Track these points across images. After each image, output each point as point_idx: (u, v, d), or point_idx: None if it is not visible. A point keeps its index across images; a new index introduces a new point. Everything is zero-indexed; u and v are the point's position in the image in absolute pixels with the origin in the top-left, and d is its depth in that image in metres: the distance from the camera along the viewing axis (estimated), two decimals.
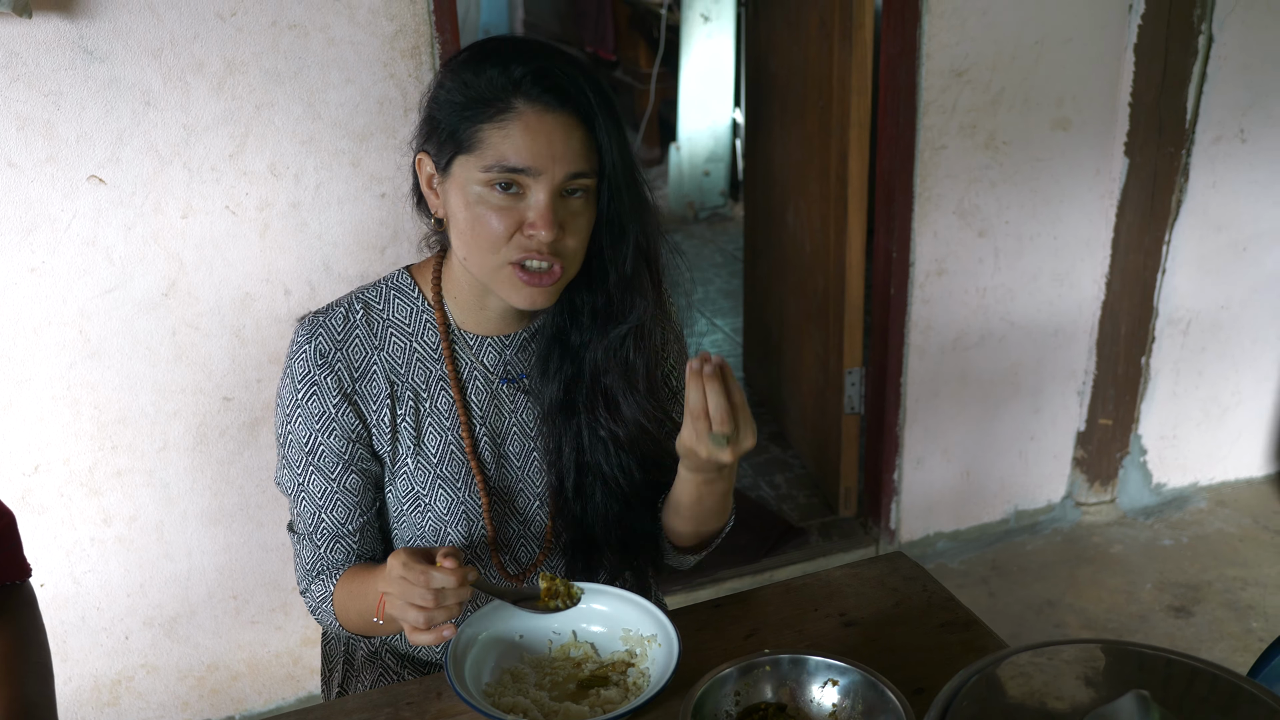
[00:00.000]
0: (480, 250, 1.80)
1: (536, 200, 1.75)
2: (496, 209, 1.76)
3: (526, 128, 1.73)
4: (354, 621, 1.96)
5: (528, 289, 1.81)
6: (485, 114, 1.74)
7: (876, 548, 4.26)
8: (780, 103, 4.58)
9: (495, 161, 1.73)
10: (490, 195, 1.76)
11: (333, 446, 1.93)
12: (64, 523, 3.14)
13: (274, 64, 2.93)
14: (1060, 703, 1.38)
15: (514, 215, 1.76)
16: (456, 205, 1.80)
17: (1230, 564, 4.20)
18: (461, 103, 1.76)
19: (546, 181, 1.74)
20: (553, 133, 1.74)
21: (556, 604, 1.85)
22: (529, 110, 1.73)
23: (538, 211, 1.75)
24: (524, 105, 1.73)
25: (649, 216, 1.89)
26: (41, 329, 2.96)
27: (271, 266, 3.10)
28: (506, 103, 1.73)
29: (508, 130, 1.73)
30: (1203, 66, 3.88)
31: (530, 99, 1.73)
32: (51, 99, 2.78)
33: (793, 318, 4.66)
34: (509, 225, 1.76)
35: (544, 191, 1.75)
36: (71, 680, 3.30)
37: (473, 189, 1.77)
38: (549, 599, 1.84)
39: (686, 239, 7.51)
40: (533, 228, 1.75)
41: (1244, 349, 4.42)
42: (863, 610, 1.98)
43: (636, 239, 1.87)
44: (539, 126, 1.73)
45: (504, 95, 1.73)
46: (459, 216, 1.80)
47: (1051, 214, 3.97)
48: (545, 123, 1.73)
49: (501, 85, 1.74)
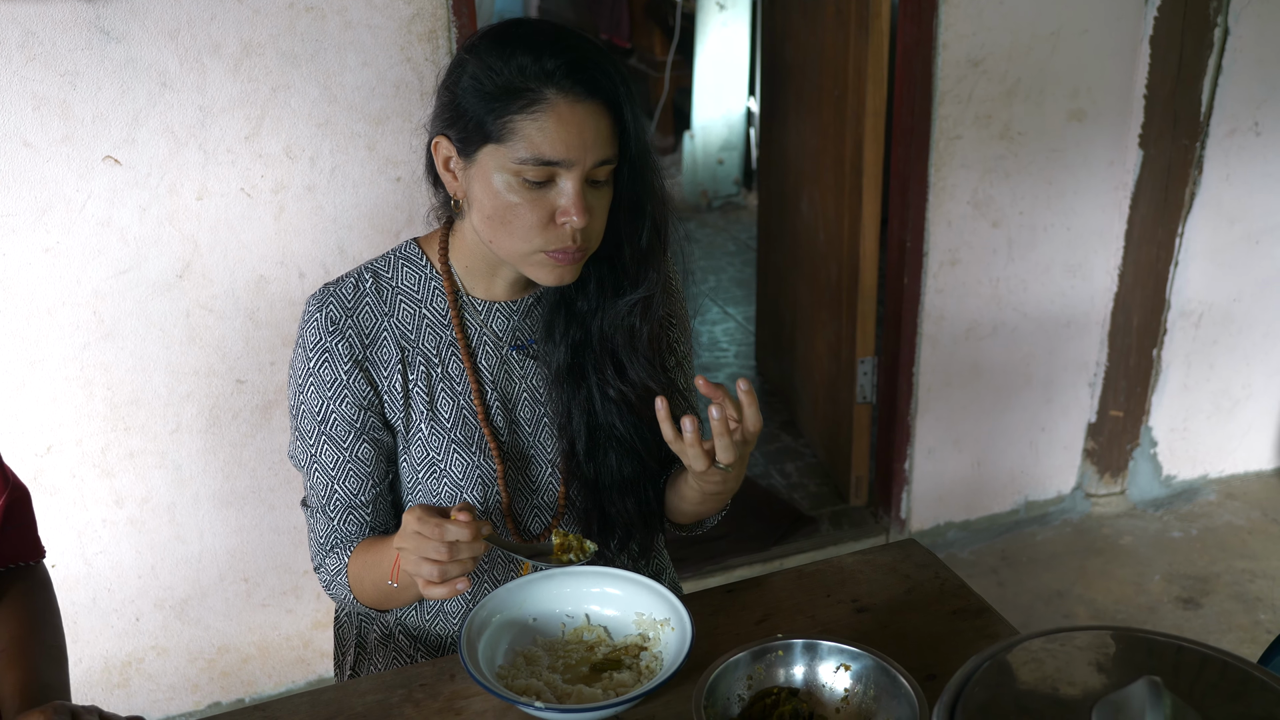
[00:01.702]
0: (512, 239, 1.81)
1: (566, 188, 1.76)
2: (528, 199, 1.77)
3: (560, 119, 1.73)
4: (368, 593, 1.96)
5: (558, 268, 1.83)
6: (516, 104, 1.73)
7: (887, 536, 4.26)
8: (795, 91, 4.58)
9: (530, 154, 1.73)
10: (519, 185, 1.76)
11: (345, 414, 1.93)
12: (76, 504, 3.15)
13: (291, 46, 2.93)
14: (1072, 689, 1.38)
15: (545, 204, 1.77)
16: (482, 192, 1.80)
17: (1239, 556, 4.19)
18: (491, 91, 1.75)
19: (578, 171, 1.75)
20: (584, 123, 1.74)
21: (569, 558, 1.85)
22: (561, 101, 1.73)
23: (570, 200, 1.76)
24: (556, 96, 1.73)
25: (662, 193, 1.92)
26: (55, 309, 2.96)
27: (286, 249, 3.10)
28: (539, 93, 1.73)
29: (541, 122, 1.73)
30: (1218, 59, 3.87)
31: (563, 90, 1.73)
32: (68, 79, 2.78)
33: (806, 306, 4.65)
34: (542, 215, 1.77)
35: (574, 180, 1.76)
36: (82, 661, 3.30)
37: (501, 177, 1.77)
38: (562, 553, 1.85)
39: (700, 227, 7.51)
40: (565, 215, 1.77)
41: (1255, 342, 4.41)
42: (875, 596, 1.98)
43: (653, 216, 1.89)
44: (571, 117, 1.73)
45: (536, 85, 1.73)
46: (485, 203, 1.81)
47: (1065, 205, 3.96)
48: (577, 113, 1.73)
49: (534, 75, 1.73)
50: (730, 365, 5.62)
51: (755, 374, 5.49)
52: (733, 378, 5.47)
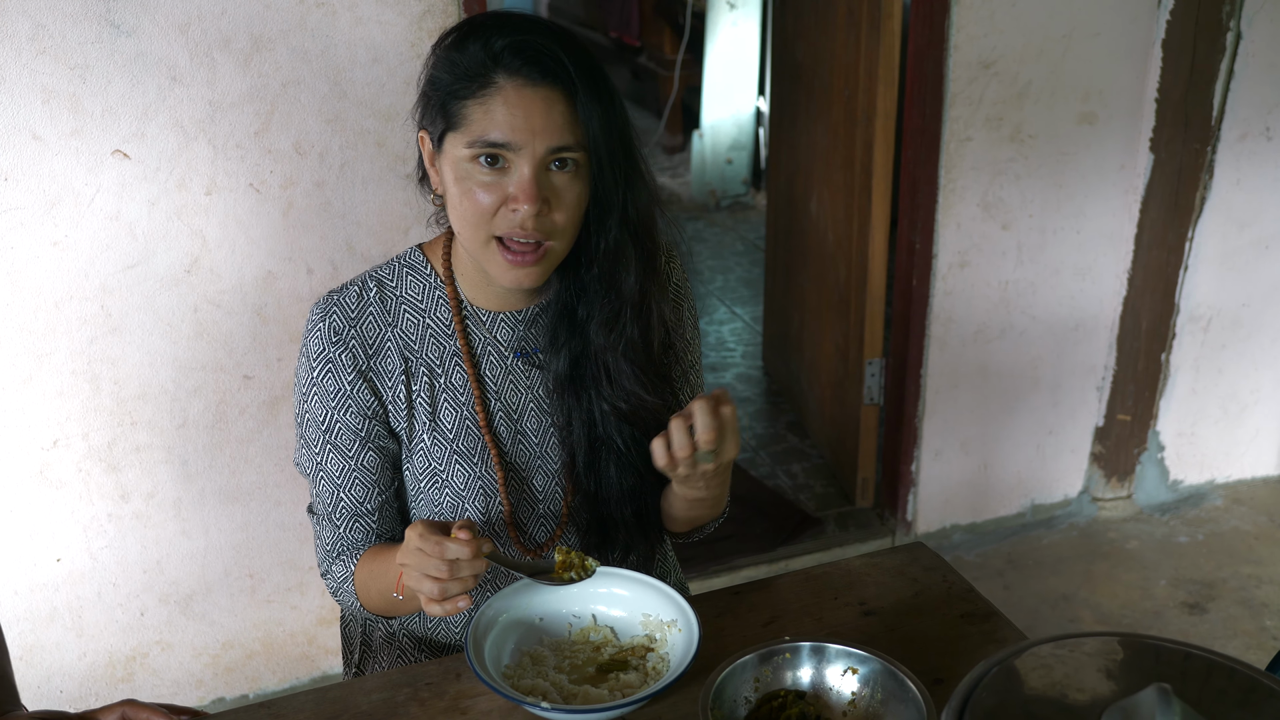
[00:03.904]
0: (468, 225, 1.80)
1: (520, 174, 1.75)
2: (481, 184, 1.76)
3: (506, 102, 1.73)
4: (375, 601, 1.96)
5: (513, 269, 1.81)
6: (469, 89, 1.74)
7: (893, 539, 4.26)
8: (805, 92, 4.57)
9: (478, 137, 1.74)
10: (475, 171, 1.76)
11: (349, 424, 1.93)
12: (82, 498, 3.15)
13: (301, 41, 2.93)
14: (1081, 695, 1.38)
15: (498, 190, 1.76)
16: (449, 181, 1.81)
17: (1245, 562, 4.19)
18: (448, 80, 1.77)
19: (529, 156, 1.74)
20: (531, 106, 1.73)
21: (571, 576, 1.85)
22: (509, 84, 1.73)
23: (519, 185, 1.75)
24: (504, 79, 1.73)
25: (640, 189, 1.88)
26: (63, 303, 2.96)
27: (294, 245, 3.10)
28: (488, 78, 1.73)
29: (489, 105, 1.73)
30: (1230, 63, 3.87)
31: (511, 72, 1.73)
32: (78, 72, 2.78)
33: (814, 307, 4.65)
34: (494, 200, 1.76)
35: (527, 165, 1.74)
36: (86, 655, 3.31)
37: (460, 165, 1.77)
38: (563, 571, 1.84)
39: (708, 227, 7.50)
40: (515, 201, 1.75)
41: (1264, 347, 4.40)
42: (883, 600, 1.98)
43: (623, 212, 1.86)
44: (518, 101, 1.73)
45: (485, 70, 1.73)
46: (450, 192, 1.82)
47: (1075, 208, 3.95)
48: (525, 97, 1.73)
49: (482, 60, 1.74)
50: (737, 365, 5.61)
51: (762, 374, 5.49)
52: (739, 378, 5.47)
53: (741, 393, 5.33)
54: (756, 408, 5.21)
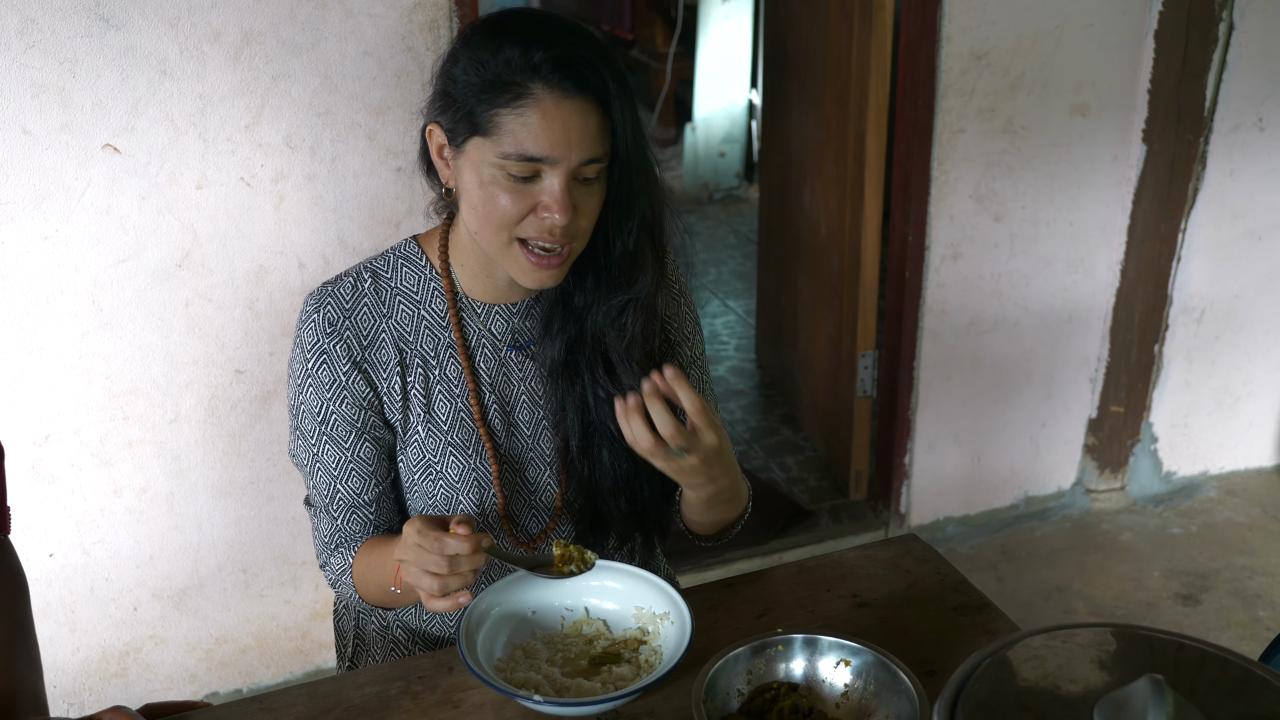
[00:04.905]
0: (491, 228, 1.79)
1: (551, 185, 1.74)
2: (510, 191, 1.75)
3: (545, 115, 1.70)
4: (373, 593, 1.96)
5: (536, 271, 1.81)
6: (502, 98, 1.71)
7: (886, 531, 4.26)
8: (798, 84, 4.57)
9: (513, 150, 1.71)
10: (504, 178, 1.75)
11: (345, 414, 1.93)
12: (74, 493, 3.14)
13: (291, 35, 2.92)
14: (1073, 686, 1.38)
15: (528, 198, 1.75)
16: (469, 182, 1.79)
17: (1239, 553, 4.19)
18: (478, 84, 1.73)
19: (563, 168, 1.73)
20: (570, 119, 1.71)
21: (570, 569, 1.85)
22: (547, 97, 1.70)
23: (553, 196, 1.74)
24: (542, 91, 1.70)
25: (657, 192, 1.89)
26: (54, 298, 2.95)
27: (286, 239, 3.09)
28: (525, 87, 1.70)
29: (525, 117, 1.71)
30: (1223, 54, 3.86)
31: (550, 85, 1.70)
32: (67, 66, 2.77)
33: (806, 300, 4.65)
34: (523, 207, 1.76)
35: (559, 177, 1.73)
36: (80, 651, 3.30)
37: (486, 169, 1.76)
38: (563, 565, 1.84)
39: (700, 220, 7.50)
40: (547, 210, 1.75)
41: (1257, 338, 4.40)
42: (875, 592, 1.98)
43: (643, 216, 1.87)
44: (557, 114, 1.70)
45: (522, 79, 1.70)
46: (472, 193, 1.80)
47: (1068, 200, 3.95)
48: (563, 109, 1.71)
49: (520, 68, 1.70)
50: (730, 358, 5.61)
51: (755, 367, 5.49)
52: (732, 371, 5.47)
53: (734, 386, 5.33)
54: (749, 401, 5.21)
